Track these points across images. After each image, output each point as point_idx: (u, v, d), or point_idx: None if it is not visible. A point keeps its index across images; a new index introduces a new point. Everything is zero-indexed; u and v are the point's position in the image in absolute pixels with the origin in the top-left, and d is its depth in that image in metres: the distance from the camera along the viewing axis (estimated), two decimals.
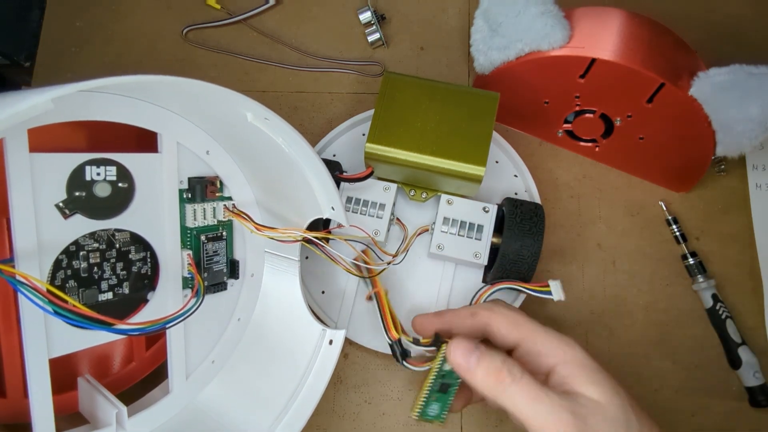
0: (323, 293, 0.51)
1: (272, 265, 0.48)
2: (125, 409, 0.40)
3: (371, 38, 0.58)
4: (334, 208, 0.43)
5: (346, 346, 0.47)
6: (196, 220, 0.43)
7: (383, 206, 0.49)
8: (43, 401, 0.36)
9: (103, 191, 0.38)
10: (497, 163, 0.54)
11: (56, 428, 0.36)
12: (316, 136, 0.55)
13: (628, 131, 0.51)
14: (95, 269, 0.39)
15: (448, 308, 0.49)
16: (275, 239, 0.45)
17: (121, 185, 0.39)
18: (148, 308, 0.42)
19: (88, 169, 0.37)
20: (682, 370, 0.50)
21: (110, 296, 0.40)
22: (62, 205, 0.36)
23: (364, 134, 0.55)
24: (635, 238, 0.54)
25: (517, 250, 0.46)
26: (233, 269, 0.46)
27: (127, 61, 0.59)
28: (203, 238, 0.43)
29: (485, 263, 0.48)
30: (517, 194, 0.53)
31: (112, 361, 0.47)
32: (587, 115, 0.51)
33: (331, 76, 0.59)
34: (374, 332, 0.50)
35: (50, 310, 0.32)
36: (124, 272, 0.41)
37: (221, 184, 0.44)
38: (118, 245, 0.40)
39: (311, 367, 0.45)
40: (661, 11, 0.53)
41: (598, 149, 0.54)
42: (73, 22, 0.60)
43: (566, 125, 0.53)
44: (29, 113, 0.27)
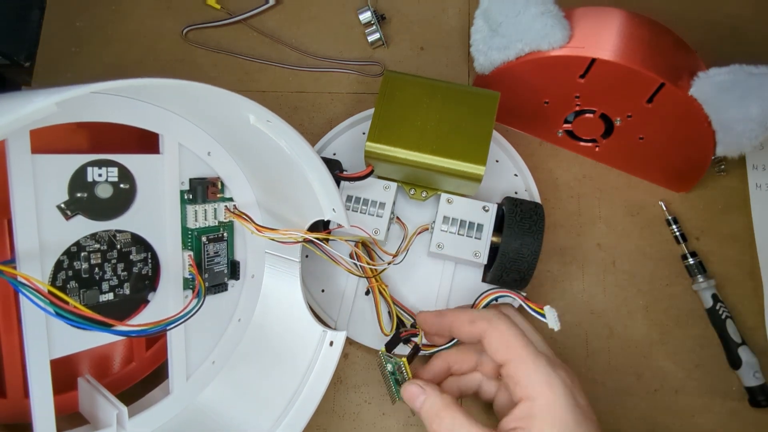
0: (323, 292, 0.51)
1: (273, 266, 0.48)
2: (126, 409, 0.40)
3: (371, 38, 0.58)
4: (335, 210, 0.43)
5: (346, 345, 0.47)
6: (197, 221, 0.43)
7: (383, 205, 0.49)
8: (44, 402, 0.36)
9: (104, 192, 0.38)
10: (497, 162, 0.54)
11: (57, 429, 0.36)
12: (316, 135, 0.55)
13: (628, 131, 0.51)
14: (96, 270, 0.39)
15: (448, 308, 0.49)
16: (276, 240, 0.45)
17: (122, 186, 0.39)
18: (148, 309, 0.42)
19: (89, 170, 0.37)
20: (682, 370, 0.51)
21: (111, 297, 0.40)
22: (64, 206, 0.36)
23: (364, 133, 0.55)
24: (635, 238, 0.54)
25: (517, 248, 0.46)
26: (234, 270, 0.46)
27: (127, 61, 0.59)
28: (204, 239, 0.43)
29: (485, 262, 0.48)
30: (517, 193, 0.53)
31: (112, 361, 0.47)
32: (587, 115, 0.51)
33: (331, 76, 0.59)
34: (375, 332, 0.50)
35: (52, 311, 0.32)
36: (125, 273, 0.41)
37: (222, 185, 0.44)
38: (119, 246, 0.40)
39: (312, 368, 0.45)
40: (661, 11, 0.53)
41: (598, 149, 0.54)
42: (73, 22, 0.60)
43: (566, 125, 0.53)
44: (33, 117, 0.27)
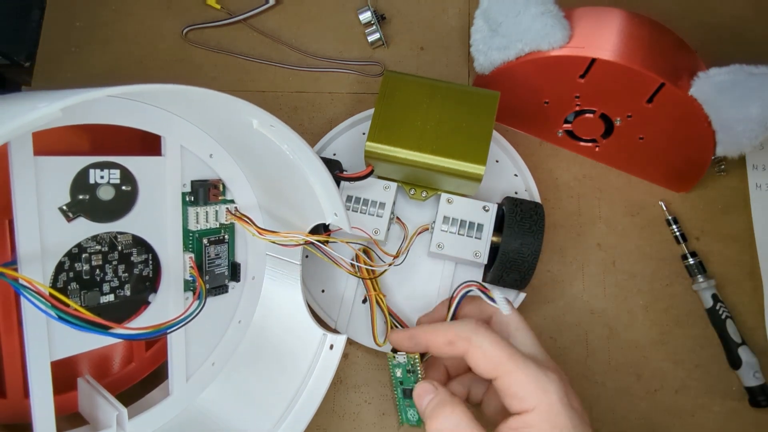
0: (323, 292, 0.52)
1: (273, 268, 0.48)
2: (125, 411, 0.40)
3: (371, 38, 0.58)
4: (337, 214, 0.43)
5: (346, 346, 0.47)
6: (198, 223, 0.43)
7: (383, 205, 0.50)
8: (44, 403, 0.36)
9: (106, 194, 0.38)
10: (497, 162, 0.54)
11: (57, 429, 0.36)
12: (316, 135, 0.55)
13: (628, 131, 0.51)
14: (97, 271, 0.39)
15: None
16: (277, 243, 0.45)
17: (124, 188, 0.39)
18: (149, 310, 0.42)
19: (92, 172, 0.37)
20: (682, 370, 0.51)
21: (112, 298, 0.40)
22: (66, 208, 0.36)
23: (363, 133, 0.55)
24: (635, 238, 0.54)
25: (517, 248, 0.46)
26: (234, 272, 0.46)
27: (127, 61, 0.59)
28: (205, 241, 0.43)
29: (485, 262, 0.48)
30: (517, 193, 0.53)
31: (111, 361, 0.47)
32: (587, 115, 0.51)
33: (331, 76, 0.59)
34: (377, 332, 0.50)
35: (54, 314, 0.32)
36: (125, 274, 0.41)
37: (224, 187, 0.44)
38: (120, 247, 0.40)
39: (312, 371, 0.45)
40: (661, 11, 0.53)
41: (598, 149, 0.54)
42: (73, 22, 0.60)
43: (566, 125, 0.54)
44: (37, 123, 0.27)
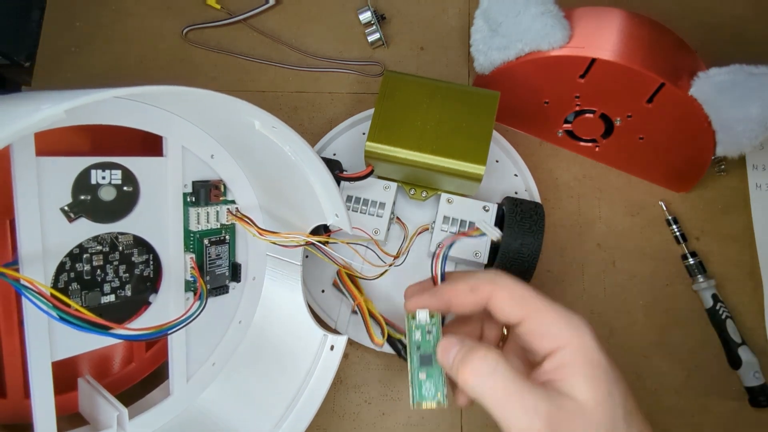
0: (323, 292, 0.52)
1: (274, 268, 0.48)
2: (126, 411, 0.40)
3: (371, 38, 0.58)
4: (338, 215, 0.43)
5: (346, 346, 0.47)
6: (199, 223, 0.43)
7: (383, 205, 0.50)
8: (45, 403, 0.36)
9: (108, 195, 0.38)
10: (497, 162, 0.54)
11: (57, 429, 0.36)
12: (316, 135, 0.55)
13: (628, 131, 0.51)
14: (98, 272, 0.39)
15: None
16: (278, 243, 0.45)
17: (126, 189, 0.39)
18: (150, 311, 0.42)
19: (93, 172, 0.37)
20: (682, 370, 0.51)
21: (113, 299, 0.40)
22: (67, 208, 0.36)
23: (364, 133, 0.55)
24: (635, 238, 0.54)
25: (517, 248, 0.46)
26: (235, 272, 0.46)
27: (127, 61, 0.59)
28: (206, 241, 0.43)
29: (485, 262, 0.48)
30: (517, 193, 0.53)
31: (112, 361, 0.47)
32: (587, 115, 0.51)
33: (331, 76, 0.59)
34: (374, 332, 0.50)
35: (55, 315, 0.32)
36: (126, 275, 0.41)
37: (225, 188, 0.44)
38: (121, 248, 0.40)
39: (312, 372, 0.45)
40: (661, 11, 0.53)
41: (598, 149, 0.54)
42: (73, 22, 0.60)
43: (566, 125, 0.54)
44: (41, 125, 0.27)
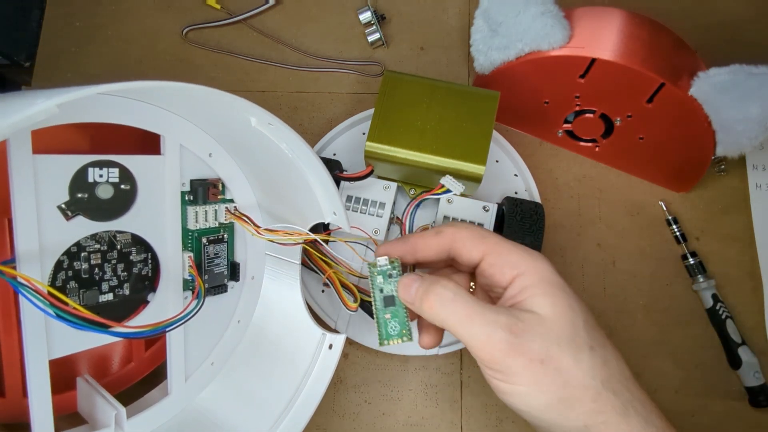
0: (323, 292, 0.51)
1: (273, 267, 0.48)
2: (124, 410, 0.40)
3: (371, 38, 0.58)
4: (336, 213, 0.43)
5: (346, 346, 0.47)
6: (197, 222, 0.43)
7: (383, 205, 0.50)
8: (42, 402, 0.36)
9: (105, 193, 0.38)
10: (497, 162, 0.54)
11: (55, 429, 0.36)
12: (316, 135, 0.55)
13: (628, 131, 0.51)
14: (96, 270, 0.39)
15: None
16: (276, 242, 0.45)
17: (123, 187, 0.39)
18: (148, 309, 0.42)
19: (90, 170, 0.37)
20: (682, 370, 0.51)
21: (111, 297, 0.40)
22: (64, 206, 0.36)
23: (363, 133, 0.55)
24: (635, 238, 0.54)
25: None
26: (234, 271, 0.46)
27: (127, 61, 0.59)
28: (204, 240, 0.43)
29: None
30: (517, 193, 0.53)
31: (111, 361, 0.47)
32: (587, 115, 0.51)
33: (331, 76, 0.59)
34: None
35: (52, 313, 0.32)
36: (124, 273, 0.40)
37: (223, 186, 0.44)
38: (119, 246, 0.40)
39: (311, 371, 0.45)
40: (661, 11, 0.53)
41: (598, 149, 0.54)
42: (73, 22, 0.60)
43: (566, 125, 0.53)
44: (34, 119, 0.27)
